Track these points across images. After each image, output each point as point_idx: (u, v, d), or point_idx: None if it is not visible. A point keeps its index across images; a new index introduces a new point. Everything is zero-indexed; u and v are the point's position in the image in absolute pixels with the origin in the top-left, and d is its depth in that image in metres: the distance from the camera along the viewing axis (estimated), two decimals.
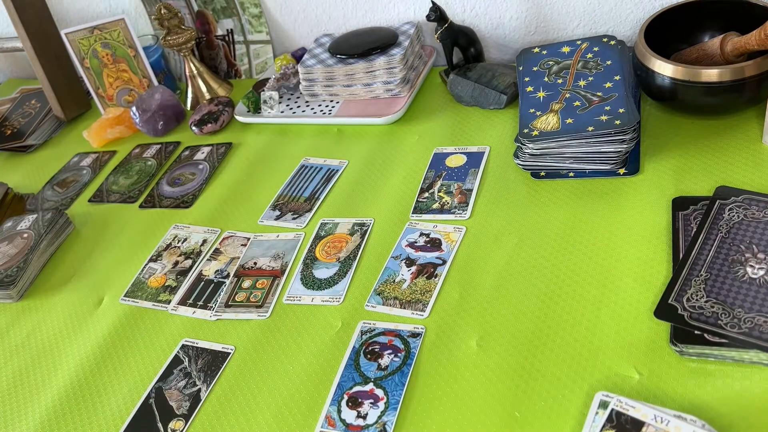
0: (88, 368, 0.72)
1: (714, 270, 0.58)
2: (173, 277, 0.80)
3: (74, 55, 1.16)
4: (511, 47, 1.04)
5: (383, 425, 0.57)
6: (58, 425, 0.67)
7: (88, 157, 1.12)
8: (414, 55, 1.01)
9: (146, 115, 1.10)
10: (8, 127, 1.26)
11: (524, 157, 0.77)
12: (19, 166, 1.17)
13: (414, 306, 0.67)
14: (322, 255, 0.77)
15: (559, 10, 0.98)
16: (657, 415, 0.49)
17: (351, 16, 1.11)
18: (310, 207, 0.85)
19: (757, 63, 0.68)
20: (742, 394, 0.51)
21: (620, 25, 0.96)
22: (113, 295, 0.81)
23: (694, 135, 0.76)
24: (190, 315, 0.75)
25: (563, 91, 0.80)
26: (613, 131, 0.72)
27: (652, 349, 0.56)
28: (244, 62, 1.21)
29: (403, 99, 0.98)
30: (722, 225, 0.62)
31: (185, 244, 0.85)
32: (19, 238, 0.91)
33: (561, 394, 0.55)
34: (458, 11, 1.03)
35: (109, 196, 1.00)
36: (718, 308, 0.55)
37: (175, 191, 0.97)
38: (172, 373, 0.68)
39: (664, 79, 0.73)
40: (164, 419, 0.64)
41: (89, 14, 1.30)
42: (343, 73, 1.00)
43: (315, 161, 0.94)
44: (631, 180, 0.73)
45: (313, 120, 1.00)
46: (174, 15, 1.09)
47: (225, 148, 1.02)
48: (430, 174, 0.84)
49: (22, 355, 0.77)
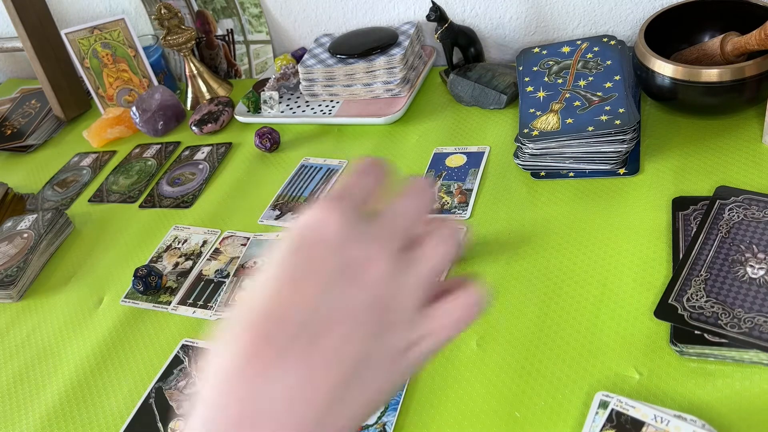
0: (88, 368, 0.72)
1: (714, 270, 0.58)
2: (173, 278, 0.80)
3: (74, 55, 1.16)
4: (511, 47, 1.04)
5: (383, 425, 0.57)
6: (58, 425, 0.67)
7: (88, 157, 1.12)
8: (414, 55, 1.01)
9: (146, 115, 1.10)
10: (8, 127, 1.26)
11: (524, 157, 0.77)
12: (19, 166, 1.17)
13: None
14: None
15: (559, 10, 0.98)
16: (657, 415, 0.49)
17: (351, 16, 1.11)
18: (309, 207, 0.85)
19: (757, 63, 0.68)
20: (742, 394, 0.51)
21: (620, 25, 0.96)
22: (113, 295, 0.81)
23: (694, 135, 0.76)
24: (190, 315, 0.75)
25: (563, 91, 0.80)
26: (613, 131, 0.72)
27: (652, 349, 0.56)
28: (244, 62, 1.21)
29: (403, 99, 0.98)
30: (722, 225, 0.62)
31: (185, 245, 0.85)
32: (19, 238, 0.91)
33: (561, 394, 0.55)
34: (458, 11, 1.03)
35: (109, 196, 1.00)
36: (718, 308, 0.55)
37: (175, 191, 0.97)
38: (172, 373, 0.68)
39: (664, 79, 0.73)
40: (164, 419, 0.64)
41: (89, 14, 1.31)
42: (343, 73, 1.00)
43: (315, 161, 0.94)
44: (631, 180, 0.73)
45: (313, 120, 1.00)
46: (174, 15, 1.09)
47: (225, 148, 1.02)
48: (430, 174, 0.84)
49: (22, 355, 0.77)
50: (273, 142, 0.97)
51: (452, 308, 0.37)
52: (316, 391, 0.33)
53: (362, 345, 0.34)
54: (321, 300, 0.34)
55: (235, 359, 0.33)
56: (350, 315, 0.34)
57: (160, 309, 0.77)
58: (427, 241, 0.38)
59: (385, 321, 0.35)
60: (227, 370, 0.33)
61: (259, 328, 0.33)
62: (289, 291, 0.34)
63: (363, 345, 0.34)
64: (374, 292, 0.35)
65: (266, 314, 0.33)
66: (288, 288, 0.34)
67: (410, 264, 0.37)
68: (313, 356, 0.33)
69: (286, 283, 0.34)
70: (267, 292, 0.34)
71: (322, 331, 0.33)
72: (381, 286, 0.35)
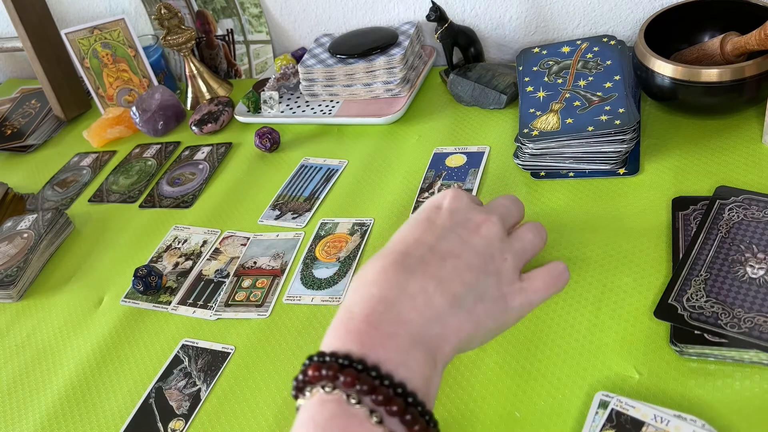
0: (88, 368, 0.72)
1: (714, 270, 0.58)
2: (173, 278, 0.80)
3: (74, 55, 1.16)
4: (511, 47, 1.04)
5: None
6: (58, 425, 0.67)
7: (88, 157, 1.12)
8: (414, 55, 1.01)
9: (146, 115, 1.10)
10: (8, 127, 1.26)
11: (524, 157, 0.77)
12: (19, 166, 1.17)
13: None
14: (322, 255, 0.77)
15: (559, 10, 0.98)
16: (657, 415, 0.49)
17: (351, 16, 1.11)
18: (309, 207, 0.85)
19: (757, 63, 0.68)
20: (742, 394, 0.51)
21: (620, 25, 0.96)
22: (113, 295, 0.81)
23: (694, 135, 0.76)
24: (190, 315, 0.75)
25: (563, 91, 0.80)
26: (613, 131, 0.72)
27: (652, 349, 0.56)
28: (244, 62, 1.21)
29: (403, 99, 0.98)
30: (722, 225, 0.62)
31: (185, 245, 0.86)
32: (19, 238, 0.91)
33: (561, 394, 0.55)
34: (458, 11, 1.03)
35: (109, 196, 1.00)
36: (718, 308, 0.55)
37: (175, 191, 0.97)
38: (172, 373, 0.68)
39: (664, 79, 0.73)
40: (164, 419, 0.64)
41: (89, 14, 1.31)
42: (343, 73, 1.00)
43: (315, 161, 0.94)
44: (631, 180, 0.73)
45: (313, 120, 1.00)
46: (174, 15, 1.09)
47: (225, 148, 1.02)
48: (430, 174, 0.84)
49: (22, 355, 0.77)
50: (273, 142, 0.97)
51: (544, 273, 0.48)
52: (441, 294, 0.42)
53: (473, 275, 0.44)
54: (437, 243, 0.45)
55: (377, 269, 0.43)
56: (465, 252, 0.45)
57: (160, 309, 0.77)
58: (523, 228, 0.51)
59: (491, 266, 0.46)
60: (372, 272, 0.43)
61: (392, 255, 0.44)
62: (412, 236, 0.46)
63: (474, 275, 0.44)
64: (485, 242, 0.46)
65: (395, 248, 0.45)
66: (411, 235, 0.46)
67: (511, 237, 0.49)
68: (438, 271, 0.43)
69: (409, 234, 0.46)
70: (395, 238, 0.47)
71: (444, 257, 0.44)
72: (490, 239, 0.47)
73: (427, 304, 0.42)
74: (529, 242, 0.50)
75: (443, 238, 0.46)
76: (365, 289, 0.42)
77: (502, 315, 0.45)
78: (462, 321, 0.43)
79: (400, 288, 0.42)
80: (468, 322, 0.43)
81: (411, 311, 0.41)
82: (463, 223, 0.47)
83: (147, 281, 0.77)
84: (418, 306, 0.41)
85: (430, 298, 0.42)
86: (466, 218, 0.48)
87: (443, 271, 0.43)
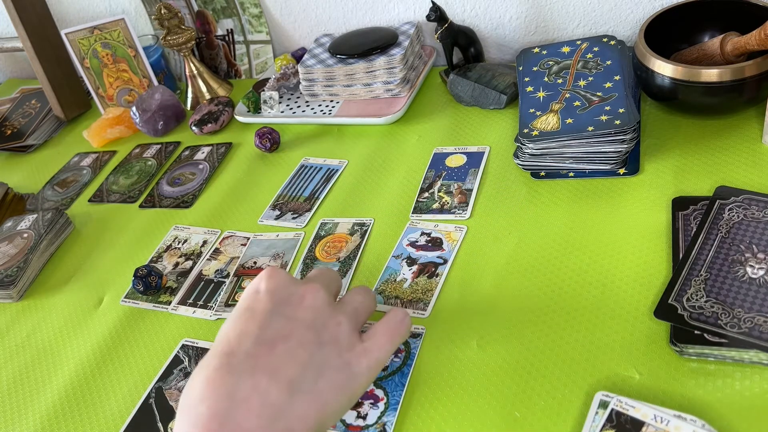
0: (88, 368, 0.72)
1: (714, 270, 0.58)
2: (173, 278, 0.80)
3: (74, 55, 1.16)
4: (511, 47, 1.04)
5: (383, 425, 0.57)
6: (58, 425, 0.67)
7: (88, 157, 1.12)
8: (414, 55, 1.01)
9: (146, 115, 1.10)
10: (8, 127, 1.26)
11: (524, 157, 0.78)
12: (19, 166, 1.17)
13: (415, 305, 0.67)
14: (322, 255, 0.77)
15: (559, 10, 0.98)
16: (657, 415, 0.49)
17: (351, 16, 1.11)
18: (309, 207, 0.85)
19: (757, 63, 0.68)
20: (742, 394, 0.51)
21: (620, 25, 0.96)
22: (113, 295, 0.81)
23: (694, 135, 0.76)
24: (190, 315, 0.75)
25: (563, 91, 0.80)
26: (613, 131, 0.72)
27: (651, 349, 0.56)
28: (244, 62, 1.21)
29: (403, 99, 0.98)
30: (722, 225, 0.62)
31: (185, 245, 0.86)
32: (19, 238, 0.91)
33: (561, 394, 0.55)
34: (458, 11, 1.03)
35: (109, 196, 1.00)
36: (718, 308, 0.55)
37: (175, 191, 0.97)
38: (172, 373, 0.68)
39: (664, 79, 0.73)
40: (164, 419, 0.64)
41: (89, 14, 1.31)
42: (343, 73, 1.00)
43: (315, 161, 0.94)
44: (631, 180, 0.73)
45: (313, 120, 1.00)
46: (174, 15, 1.09)
47: (225, 148, 1.02)
48: (430, 174, 0.84)
49: (22, 355, 0.77)
50: (273, 142, 0.97)
51: (383, 326, 0.47)
52: (276, 385, 0.40)
53: (307, 352, 0.42)
54: (262, 331, 0.42)
55: (202, 382, 0.40)
56: (294, 330, 0.43)
57: (160, 309, 0.77)
58: (350, 292, 0.50)
59: (325, 336, 0.44)
60: (198, 388, 0.40)
61: (215, 360, 0.41)
62: (234, 331, 0.43)
63: (308, 351, 0.42)
64: (312, 312, 0.44)
65: (218, 350, 0.42)
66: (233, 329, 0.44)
67: (341, 302, 0.48)
68: (269, 362, 0.41)
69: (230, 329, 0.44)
70: (218, 338, 0.44)
71: (272, 344, 0.42)
72: (317, 308, 0.45)
73: (263, 403, 0.39)
74: (360, 303, 0.48)
75: (267, 323, 0.43)
76: (193, 411, 0.39)
77: (349, 383, 0.43)
78: (306, 405, 0.40)
79: (230, 396, 0.39)
80: (313, 403, 0.41)
81: (248, 418, 0.38)
82: (286, 299, 0.45)
83: (147, 281, 0.77)
84: (254, 409, 0.38)
85: (264, 395, 0.39)
86: (288, 294, 0.45)
87: (274, 359, 0.41)
